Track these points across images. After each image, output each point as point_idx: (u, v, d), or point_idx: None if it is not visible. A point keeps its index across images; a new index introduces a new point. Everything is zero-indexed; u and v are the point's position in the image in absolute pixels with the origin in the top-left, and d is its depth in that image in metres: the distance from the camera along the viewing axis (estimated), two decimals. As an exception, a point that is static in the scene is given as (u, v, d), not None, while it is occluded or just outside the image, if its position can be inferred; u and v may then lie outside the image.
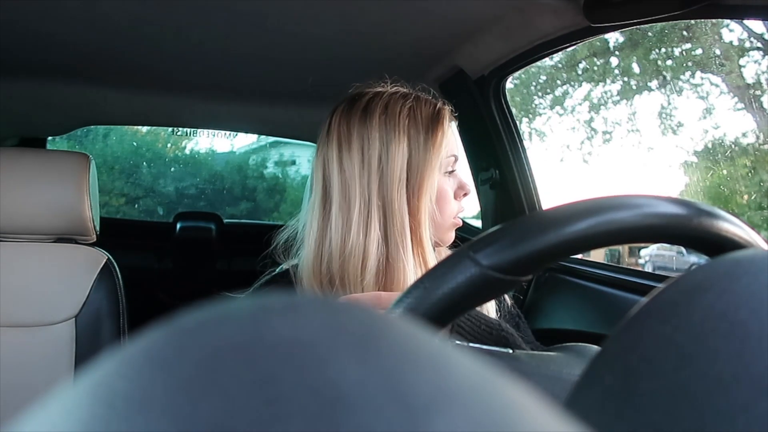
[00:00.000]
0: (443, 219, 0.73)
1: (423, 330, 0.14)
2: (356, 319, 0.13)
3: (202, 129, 2.03)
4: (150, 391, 0.11)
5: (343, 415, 0.10)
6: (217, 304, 0.14)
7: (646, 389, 0.21)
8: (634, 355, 0.22)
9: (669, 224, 0.34)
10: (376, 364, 0.12)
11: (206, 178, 4.11)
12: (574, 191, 3.16)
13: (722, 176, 1.86)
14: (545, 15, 1.04)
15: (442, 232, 0.74)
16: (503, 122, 1.34)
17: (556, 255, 0.34)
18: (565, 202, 0.35)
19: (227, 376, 0.11)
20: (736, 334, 0.20)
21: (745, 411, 0.18)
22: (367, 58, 1.34)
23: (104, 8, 1.08)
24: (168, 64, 1.42)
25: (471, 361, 0.13)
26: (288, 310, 0.13)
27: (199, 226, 2.13)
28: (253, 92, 1.65)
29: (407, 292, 0.35)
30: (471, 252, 0.34)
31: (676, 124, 2.49)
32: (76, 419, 0.11)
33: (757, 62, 2.03)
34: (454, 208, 0.74)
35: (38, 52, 1.33)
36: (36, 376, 0.99)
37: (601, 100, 3.10)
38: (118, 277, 1.09)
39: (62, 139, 2.61)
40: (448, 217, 0.73)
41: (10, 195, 1.01)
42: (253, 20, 1.14)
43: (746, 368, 0.19)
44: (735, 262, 0.25)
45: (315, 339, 0.12)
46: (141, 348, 0.12)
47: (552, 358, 0.48)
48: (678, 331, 0.22)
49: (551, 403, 0.13)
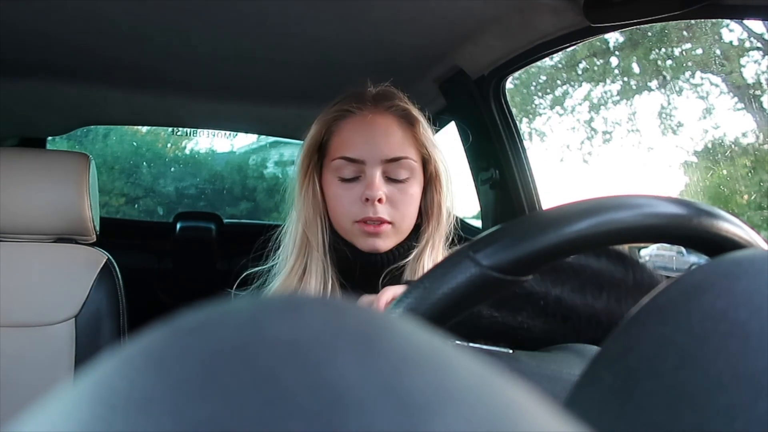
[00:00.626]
0: (339, 223, 0.74)
1: (423, 330, 0.14)
2: (356, 319, 0.13)
3: (202, 129, 2.03)
4: (150, 391, 0.11)
5: (343, 415, 0.10)
6: (217, 304, 0.14)
7: (646, 389, 0.21)
8: (634, 355, 0.22)
9: (669, 224, 0.34)
10: (376, 364, 0.12)
11: (206, 178, 4.11)
12: (574, 191, 3.16)
13: (722, 176, 1.86)
14: (545, 15, 1.04)
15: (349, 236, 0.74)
16: (503, 122, 1.34)
17: (556, 255, 0.34)
18: (565, 202, 0.35)
19: (227, 376, 0.11)
20: (736, 334, 0.20)
21: (745, 411, 0.18)
22: (367, 58, 1.34)
23: (104, 8, 1.08)
24: (168, 64, 1.42)
25: (471, 361, 0.13)
26: (288, 310, 0.13)
27: (199, 226, 2.13)
28: (253, 92, 1.65)
29: (407, 292, 0.35)
30: (471, 252, 0.34)
31: (676, 124, 2.49)
32: (76, 419, 0.11)
33: (757, 62, 2.03)
34: (352, 212, 0.72)
35: (38, 52, 1.33)
36: (36, 376, 0.99)
37: (601, 100, 3.10)
38: (118, 277, 1.09)
39: (62, 139, 2.61)
40: (344, 221, 0.73)
41: (10, 195, 1.01)
42: (253, 20, 1.14)
43: (746, 368, 0.19)
44: (735, 262, 0.25)
45: (315, 339, 0.12)
46: (141, 348, 0.12)
47: (552, 358, 0.48)
48: (678, 331, 0.22)
49: (551, 403, 0.13)
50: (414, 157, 0.75)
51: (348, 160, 0.72)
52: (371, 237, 0.72)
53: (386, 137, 0.73)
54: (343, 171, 0.73)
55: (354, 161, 0.72)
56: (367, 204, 0.71)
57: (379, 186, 0.71)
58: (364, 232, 0.72)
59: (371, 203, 0.71)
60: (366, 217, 0.71)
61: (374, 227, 0.71)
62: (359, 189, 0.72)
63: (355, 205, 0.72)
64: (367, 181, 0.72)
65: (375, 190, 0.71)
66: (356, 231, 0.72)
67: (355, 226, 0.72)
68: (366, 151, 0.72)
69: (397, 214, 0.73)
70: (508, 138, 1.34)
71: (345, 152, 0.72)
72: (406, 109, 0.76)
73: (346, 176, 0.73)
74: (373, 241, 0.72)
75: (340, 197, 0.73)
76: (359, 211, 0.71)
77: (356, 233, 0.72)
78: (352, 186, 0.73)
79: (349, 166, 0.72)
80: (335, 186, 0.73)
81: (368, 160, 0.72)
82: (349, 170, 0.72)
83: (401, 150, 0.73)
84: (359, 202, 0.72)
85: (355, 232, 0.73)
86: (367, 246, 0.72)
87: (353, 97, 0.77)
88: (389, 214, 0.72)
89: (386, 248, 0.73)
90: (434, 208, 0.77)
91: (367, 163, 0.72)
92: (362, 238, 0.72)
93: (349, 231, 0.73)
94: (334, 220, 0.75)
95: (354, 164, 0.72)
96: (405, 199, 0.74)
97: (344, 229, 0.74)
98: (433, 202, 0.77)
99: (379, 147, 0.72)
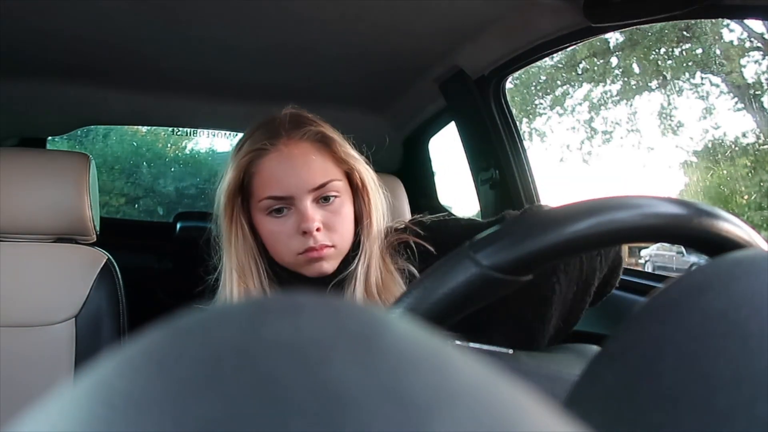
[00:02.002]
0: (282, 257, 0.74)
1: (423, 330, 0.14)
2: (356, 319, 0.13)
3: (202, 129, 2.03)
4: (150, 390, 0.11)
5: (343, 415, 0.10)
6: (217, 304, 0.14)
7: (646, 389, 0.21)
8: (634, 355, 0.22)
9: (669, 224, 0.34)
10: (376, 364, 0.12)
11: (206, 178, 4.10)
12: (574, 191, 3.16)
13: (722, 176, 1.86)
14: (545, 15, 1.04)
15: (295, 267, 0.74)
16: (503, 122, 1.34)
17: (556, 255, 0.34)
18: (566, 202, 0.35)
19: (227, 376, 0.11)
20: (736, 334, 0.20)
21: (745, 411, 0.18)
22: (367, 59, 1.34)
23: (104, 8, 1.08)
24: (168, 64, 1.42)
25: (471, 361, 0.13)
26: (288, 310, 0.13)
27: (199, 226, 2.13)
28: (253, 92, 1.65)
29: (407, 292, 0.35)
30: (471, 252, 0.34)
31: (676, 124, 2.49)
32: (76, 419, 0.11)
33: (757, 62, 2.03)
34: (293, 246, 0.72)
35: (38, 51, 1.33)
36: (36, 376, 0.99)
37: (601, 100, 3.10)
38: (118, 277, 1.09)
39: (62, 139, 2.61)
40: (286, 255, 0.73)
41: (10, 195, 1.01)
42: (253, 20, 1.14)
43: (746, 368, 0.19)
44: (735, 262, 0.25)
45: (315, 339, 0.12)
46: (141, 348, 0.12)
47: (552, 358, 0.48)
48: (678, 331, 0.22)
49: (551, 403, 0.13)
50: (338, 176, 0.74)
51: (276, 198, 0.71)
52: (317, 262, 0.72)
53: (307, 166, 0.72)
54: (273, 208, 0.72)
55: (282, 198, 0.72)
56: (305, 236, 0.71)
57: (313, 217, 0.71)
58: (308, 260, 0.72)
59: (309, 234, 0.71)
60: (308, 248, 0.71)
61: (317, 252, 0.71)
62: (293, 220, 0.72)
63: (294, 239, 0.72)
64: (301, 214, 0.71)
65: (310, 222, 0.70)
66: (301, 261, 0.72)
67: (300, 257, 0.72)
68: (292, 186, 0.71)
69: (336, 236, 0.73)
70: (508, 138, 1.34)
71: (271, 192, 0.71)
72: (319, 132, 0.75)
73: (279, 212, 0.72)
74: (320, 265, 0.72)
75: (276, 234, 0.72)
76: (299, 244, 0.71)
77: (301, 263, 0.73)
78: (285, 219, 0.72)
79: (277, 203, 0.72)
80: (269, 223, 0.73)
81: (296, 194, 0.71)
82: (279, 206, 0.72)
83: (324, 175, 0.73)
84: (297, 235, 0.71)
85: (300, 262, 0.73)
86: (313, 271, 0.73)
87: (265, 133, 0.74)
88: (329, 239, 0.72)
89: (332, 269, 0.74)
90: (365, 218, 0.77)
91: (296, 197, 0.71)
92: (307, 266, 0.73)
93: (293, 263, 0.73)
94: (276, 255, 0.74)
95: (282, 200, 0.72)
96: (339, 220, 0.74)
97: (288, 262, 0.74)
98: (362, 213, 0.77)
99: (302, 179, 0.71)
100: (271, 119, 0.76)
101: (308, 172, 0.72)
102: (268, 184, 0.71)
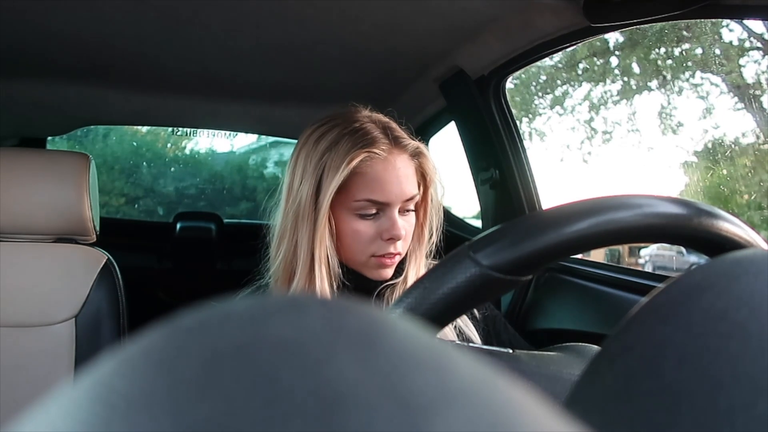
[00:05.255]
0: (353, 256, 0.76)
1: (423, 330, 0.14)
2: (356, 319, 0.13)
3: (202, 129, 2.03)
4: (150, 391, 0.11)
5: (343, 416, 0.10)
6: (217, 304, 0.14)
7: (646, 389, 0.21)
8: (634, 355, 0.22)
9: (669, 224, 0.34)
10: (376, 364, 0.12)
11: (206, 178, 4.11)
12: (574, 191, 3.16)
13: (722, 176, 1.86)
14: (545, 15, 1.04)
15: (360, 267, 0.76)
16: (503, 122, 1.34)
17: (556, 255, 0.34)
18: (565, 202, 0.35)
19: (227, 376, 0.11)
20: (736, 334, 0.20)
21: (745, 411, 0.18)
22: (367, 58, 1.34)
23: (105, 8, 1.08)
24: (168, 64, 1.42)
25: (471, 361, 0.13)
26: (288, 309, 0.13)
27: (199, 226, 2.13)
28: (253, 92, 1.65)
29: (407, 292, 0.35)
30: (471, 252, 0.34)
31: (676, 124, 2.49)
32: (76, 419, 0.11)
33: (757, 62, 2.03)
34: (371, 248, 0.74)
35: (38, 51, 1.33)
36: (36, 376, 0.99)
37: (601, 100, 3.10)
38: (118, 277, 1.09)
39: (62, 139, 2.61)
40: (359, 255, 0.75)
41: (10, 195, 1.01)
42: (253, 20, 1.14)
43: (746, 368, 0.19)
44: (735, 262, 0.25)
45: (315, 339, 0.12)
46: (141, 348, 0.12)
47: (552, 358, 0.48)
48: (678, 331, 0.22)
49: (551, 403, 0.13)
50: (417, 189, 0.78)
51: (374, 202, 0.74)
52: (385, 268, 0.76)
53: (406, 178, 0.75)
54: (366, 210, 0.74)
55: (379, 203, 0.74)
56: (388, 242, 0.74)
57: (402, 225, 0.74)
58: (379, 264, 0.75)
59: (393, 241, 0.74)
60: (386, 253, 0.74)
61: (391, 259, 0.75)
62: (378, 224, 0.75)
63: (375, 242, 0.74)
64: (390, 222, 0.74)
65: (399, 230, 0.74)
66: (372, 263, 0.75)
67: (372, 259, 0.75)
68: (392, 194, 0.74)
69: (405, 245, 0.77)
70: (508, 138, 1.34)
71: (372, 195, 0.73)
72: (418, 147, 0.77)
73: (368, 214, 0.74)
74: (386, 271, 0.76)
75: (360, 234, 0.74)
76: (378, 248, 0.74)
77: (371, 265, 0.76)
78: (371, 222, 0.75)
79: (374, 206, 0.74)
80: (355, 222, 0.74)
81: (392, 202, 0.74)
82: (372, 209, 0.74)
83: (414, 188, 0.76)
84: (378, 239, 0.74)
85: (370, 265, 0.76)
86: (377, 276, 0.76)
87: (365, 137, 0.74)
88: (402, 247, 0.76)
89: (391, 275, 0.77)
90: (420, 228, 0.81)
91: (391, 205, 0.74)
92: (376, 269, 0.76)
93: (362, 263, 0.76)
94: (347, 253, 0.76)
95: (379, 205, 0.74)
96: (410, 230, 0.78)
97: (357, 261, 0.76)
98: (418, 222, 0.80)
99: (402, 189, 0.74)
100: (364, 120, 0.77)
101: (406, 184, 0.75)
102: (371, 187, 0.73)
